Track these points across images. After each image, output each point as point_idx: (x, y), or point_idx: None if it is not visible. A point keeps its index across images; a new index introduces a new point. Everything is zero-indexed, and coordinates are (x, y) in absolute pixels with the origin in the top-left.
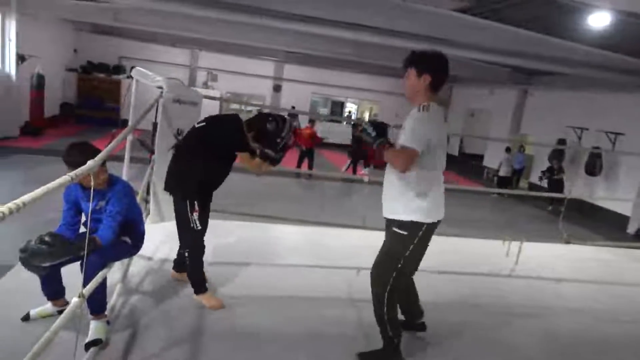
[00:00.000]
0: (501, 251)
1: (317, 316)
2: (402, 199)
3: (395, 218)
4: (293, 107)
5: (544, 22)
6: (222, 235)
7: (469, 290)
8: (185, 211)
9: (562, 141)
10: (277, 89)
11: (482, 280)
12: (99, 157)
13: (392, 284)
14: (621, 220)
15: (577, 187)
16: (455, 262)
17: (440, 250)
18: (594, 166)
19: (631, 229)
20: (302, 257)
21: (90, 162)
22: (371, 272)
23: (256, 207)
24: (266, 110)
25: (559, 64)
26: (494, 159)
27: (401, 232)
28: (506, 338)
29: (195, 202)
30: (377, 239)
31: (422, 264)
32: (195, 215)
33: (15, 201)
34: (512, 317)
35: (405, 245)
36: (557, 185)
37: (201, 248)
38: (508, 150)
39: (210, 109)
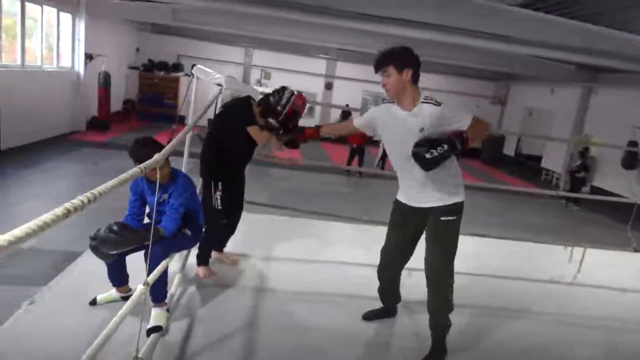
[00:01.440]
0: (563, 258)
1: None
2: (441, 184)
3: (442, 204)
4: (347, 105)
5: (611, 16)
6: (274, 230)
7: (529, 296)
8: (209, 191)
9: (633, 143)
10: (328, 86)
11: (543, 287)
12: (164, 151)
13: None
14: None
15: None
16: (513, 267)
17: (499, 254)
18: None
19: None
20: (352, 254)
21: (156, 156)
22: (435, 276)
23: (307, 204)
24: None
25: (629, 60)
26: (553, 160)
27: (451, 218)
28: (567, 349)
29: (220, 183)
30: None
31: (481, 269)
32: (218, 194)
33: (92, 191)
34: (574, 327)
35: (456, 231)
36: (577, 182)
37: (219, 227)
38: (583, 154)
39: None
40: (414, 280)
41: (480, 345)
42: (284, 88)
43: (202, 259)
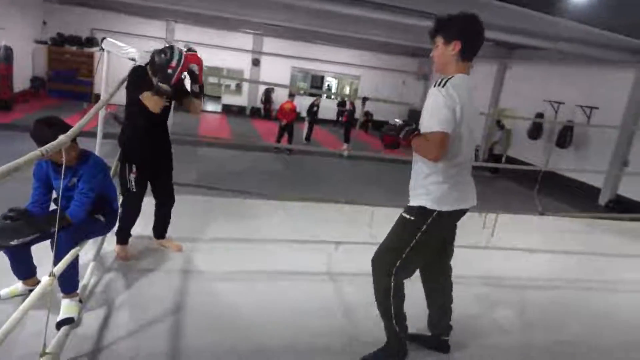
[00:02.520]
0: (478, 223)
1: (298, 291)
2: (417, 185)
3: (409, 204)
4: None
5: None
6: (201, 211)
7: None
8: (124, 173)
9: (539, 115)
10: (256, 62)
11: (460, 251)
12: (70, 132)
13: (397, 274)
14: (593, 192)
15: (553, 160)
16: None
17: None
18: (564, 139)
19: (602, 201)
20: (281, 232)
21: (61, 137)
22: (373, 260)
23: (235, 183)
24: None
25: (541, 38)
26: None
27: (408, 216)
28: (485, 308)
29: (134, 165)
30: (355, 213)
31: None
32: (132, 176)
33: None
34: (490, 287)
35: (410, 233)
36: (495, 159)
37: (135, 210)
38: (501, 126)
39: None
40: (340, 253)
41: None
42: (172, 47)
43: (119, 238)
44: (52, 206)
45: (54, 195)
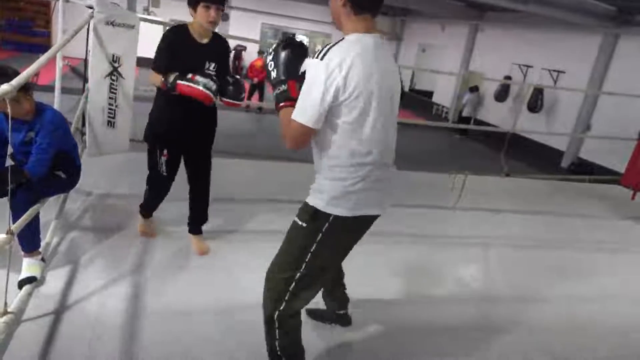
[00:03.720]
0: (446, 184)
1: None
2: (317, 174)
3: (305, 200)
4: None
5: None
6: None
7: (416, 222)
8: (153, 154)
9: (507, 78)
10: (224, 17)
11: (428, 212)
12: (15, 81)
13: (288, 301)
14: (558, 155)
15: (519, 123)
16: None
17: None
18: (535, 103)
19: (565, 163)
20: (251, 191)
21: (4, 86)
22: (265, 279)
23: None
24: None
25: (513, 0)
26: (443, 96)
27: (299, 222)
28: (450, 266)
29: (165, 148)
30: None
31: None
32: (163, 159)
33: None
34: (456, 246)
35: (303, 243)
36: (463, 121)
37: (164, 191)
38: (474, 89)
39: (153, 35)
40: None
41: (367, 269)
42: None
43: (141, 210)
44: (9, 162)
45: (10, 150)
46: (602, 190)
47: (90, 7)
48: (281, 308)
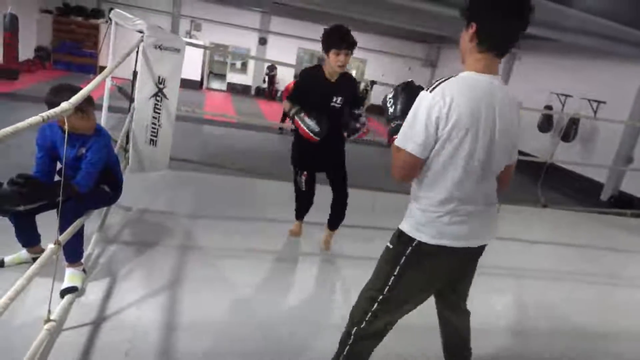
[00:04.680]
0: None
1: (300, 268)
2: (410, 203)
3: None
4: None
5: None
6: (205, 189)
7: None
8: (296, 175)
9: (548, 107)
10: (262, 41)
11: None
12: (73, 99)
13: (368, 321)
14: (596, 187)
15: (557, 153)
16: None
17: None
18: (569, 132)
19: (604, 196)
20: (287, 213)
21: (64, 104)
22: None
23: (240, 162)
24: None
25: (551, 28)
26: None
27: (388, 244)
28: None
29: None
30: (355, 196)
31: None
32: (303, 178)
33: None
34: (489, 276)
35: (389, 266)
36: None
37: (308, 202)
38: None
39: (194, 57)
40: None
41: None
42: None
43: (296, 215)
44: (57, 178)
45: (59, 166)
46: None
47: (141, 32)
48: (361, 326)
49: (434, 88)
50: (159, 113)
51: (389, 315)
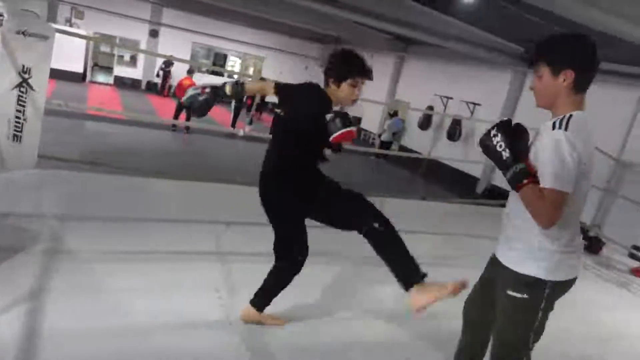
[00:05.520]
0: None
1: (183, 269)
2: (521, 244)
3: (516, 270)
4: (171, 56)
5: None
6: (82, 189)
7: (337, 243)
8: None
9: (430, 108)
10: (153, 34)
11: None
12: None
13: None
14: (473, 182)
15: (437, 150)
16: None
17: None
18: (454, 132)
19: (479, 189)
20: (170, 211)
21: None
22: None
23: (126, 161)
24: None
25: (435, 35)
26: (370, 123)
27: (517, 294)
28: (363, 285)
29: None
30: (248, 194)
31: None
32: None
33: None
34: (363, 265)
35: (527, 317)
36: (384, 145)
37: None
38: (393, 115)
39: (76, 47)
40: (230, 233)
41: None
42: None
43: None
44: None
45: None
46: None
47: (0, 15)
48: None
49: (566, 126)
50: (24, 106)
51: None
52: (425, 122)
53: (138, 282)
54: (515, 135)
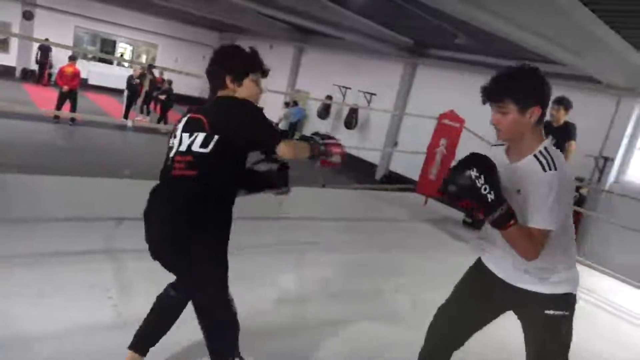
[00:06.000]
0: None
1: (69, 270)
2: (542, 268)
3: (546, 292)
4: (47, 39)
5: None
6: None
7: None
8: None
9: (329, 97)
10: (28, 15)
11: (251, 223)
12: None
13: None
14: (372, 169)
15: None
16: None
17: None
18: (350, 121)
19: (378, 175)
20: (53, 209)
21: None
22: None
23: (8, 157)
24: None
25: (331, 26)
26: (271, 113)
27: (560, 312)
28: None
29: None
30: (142, 188)
31: None
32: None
33: None
34: (277, 253)
35: (569, 330)
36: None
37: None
38: (287, 104)
39: None
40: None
41: None
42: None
43: None
44: None
45: None
46: (405, 199)
47: None
48: None
49: (554, 165)
50: None
51: None
52: (324, 112)
53: (18, 288)
54: (494, 173)
